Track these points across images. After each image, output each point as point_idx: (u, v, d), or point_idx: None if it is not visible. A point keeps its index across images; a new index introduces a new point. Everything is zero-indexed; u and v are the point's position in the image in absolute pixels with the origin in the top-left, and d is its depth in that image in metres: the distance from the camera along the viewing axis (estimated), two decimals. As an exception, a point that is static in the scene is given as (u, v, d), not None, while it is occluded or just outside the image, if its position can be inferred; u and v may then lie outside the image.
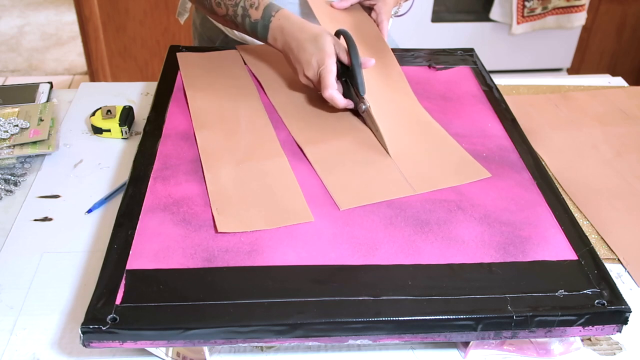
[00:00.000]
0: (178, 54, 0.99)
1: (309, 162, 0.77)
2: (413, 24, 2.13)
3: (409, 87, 0.92)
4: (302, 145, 0.80)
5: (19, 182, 0.82)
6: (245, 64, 0.98)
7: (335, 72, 0.81)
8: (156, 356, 0.61)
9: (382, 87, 0.90)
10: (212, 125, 0.83)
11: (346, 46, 0.83)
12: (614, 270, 0.73)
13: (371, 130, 0.83)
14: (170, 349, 0.61)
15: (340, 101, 0.82)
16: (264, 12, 0.86)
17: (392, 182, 0.74)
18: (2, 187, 0.81)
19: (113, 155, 0.88)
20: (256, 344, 0.63)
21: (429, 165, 0.78)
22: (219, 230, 0.66)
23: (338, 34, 0.86)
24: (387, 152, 0.78)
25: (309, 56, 0.82)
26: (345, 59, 0.83)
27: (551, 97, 1.04)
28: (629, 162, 0.89)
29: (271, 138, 0.81)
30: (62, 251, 0.72)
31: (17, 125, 0.88)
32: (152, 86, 1.02)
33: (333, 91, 0.81)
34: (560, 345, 0.64)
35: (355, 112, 0.86)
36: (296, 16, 0.86)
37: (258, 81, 0.94)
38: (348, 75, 0.83)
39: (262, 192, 0.72)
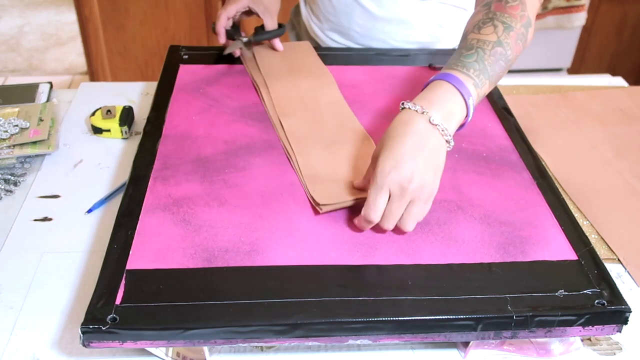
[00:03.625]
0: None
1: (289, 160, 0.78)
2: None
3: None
4: (289, 141, 0.81)
5: (19, 182, 0.82)
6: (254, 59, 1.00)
7: (230, 11, 0.97)
8: (156, 356, 0.61)
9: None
10: (295, 112, 0.86)
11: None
12: (614, 270, 0.73)
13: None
14: (170, 349, 0.61)
15: (221, 37, 0.99)
16: None
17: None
18: (2, 187, 0.81)
19: (113, 155, 0.88)
20: (256, 344, 0.63)
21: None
22: (321, 207, 0.68)
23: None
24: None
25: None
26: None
27: (551, 97, 1.04)
28: (629, 162, 0.89)
29: (354, 124, 0.84)
30: (62, 251, 0.72)
31: (17, 125, 0.88)
32: (152, 86, 1.02)
33: (219, 23, 0.98)
34: (560, 345, 0.64)
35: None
36: None
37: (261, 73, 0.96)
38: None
39: (350, 171, 0.74)
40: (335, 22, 1.11)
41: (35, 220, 0.77)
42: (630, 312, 0.60)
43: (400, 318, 0.58)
